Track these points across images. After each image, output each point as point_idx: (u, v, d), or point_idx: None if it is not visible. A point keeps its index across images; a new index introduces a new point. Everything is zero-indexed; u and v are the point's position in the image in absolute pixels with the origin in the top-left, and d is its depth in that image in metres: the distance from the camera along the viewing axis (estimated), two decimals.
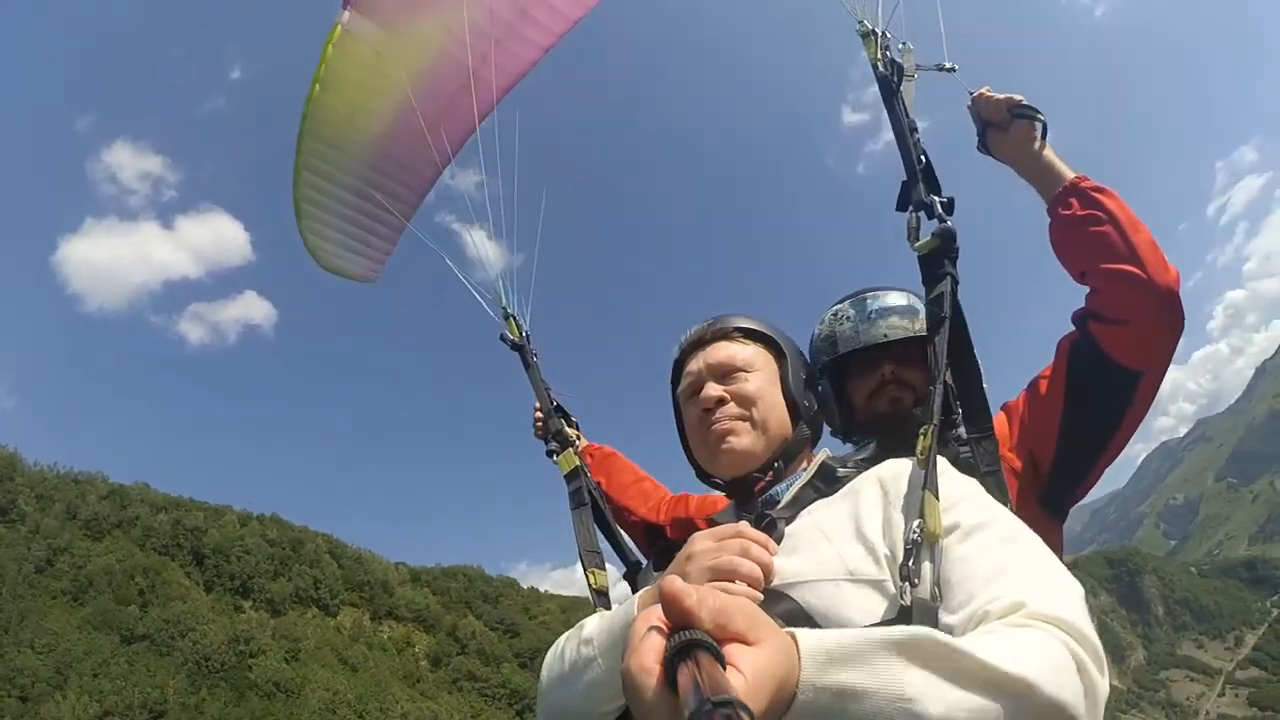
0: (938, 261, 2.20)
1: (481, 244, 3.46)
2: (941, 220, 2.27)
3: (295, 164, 3.81)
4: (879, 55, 2.62)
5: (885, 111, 2.55)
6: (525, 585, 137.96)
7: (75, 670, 70.43)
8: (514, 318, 3.32)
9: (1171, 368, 2.52)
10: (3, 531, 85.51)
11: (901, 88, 2.58)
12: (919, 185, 2.35)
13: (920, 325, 2.58)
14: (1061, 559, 2.20)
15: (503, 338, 3.30)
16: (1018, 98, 2.48)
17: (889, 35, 2.67)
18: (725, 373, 1.98)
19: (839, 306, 2.76)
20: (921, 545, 1.46)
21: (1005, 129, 2.53)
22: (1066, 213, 2.35)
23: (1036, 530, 2.11)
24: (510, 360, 3.29)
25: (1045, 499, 2.44)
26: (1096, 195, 2.32)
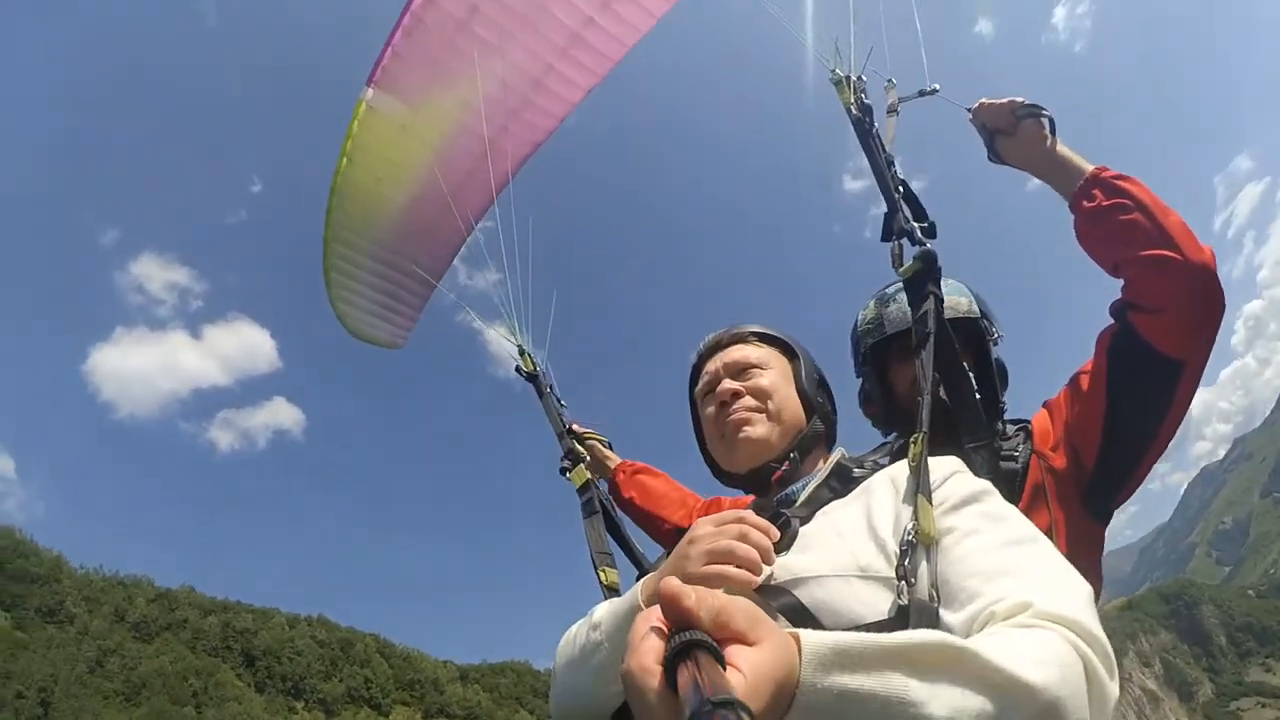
0: (921, 283, 2.26)
1: (493, 286, 3.56)
2: (922, 245, 2.32)
3: (324, 235, 3.95)
4: (852, 100, 2.66)
5: (863, 152, 2.60)
6: None
7: None
8: (528, 353, 3.47)
9: (1200, 388, 2.51)
10: (53, 632, 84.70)
11: (876, 128, 2.63)
12: (899, 214, 2.39)
13: (970, 306, 2.66)
14: (1100, 574, 2.41)
15: (518, 369, 3.45)
16: (1019, 99, 2.47)
17: (863, 80, 2.71)
18: (740, 370, 2.04)
19: (884, 291, 2.77)
20: (916, 546, 1.45)
21: (1012, 133, 2.50)
22: (1091, 205, 2.31)
23: (1078, 533, 2.22)
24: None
25: (1088, 499, 2.37)
26: (1120, 183, 2.27)
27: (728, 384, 2.00)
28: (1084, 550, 2.21)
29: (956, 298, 2.65)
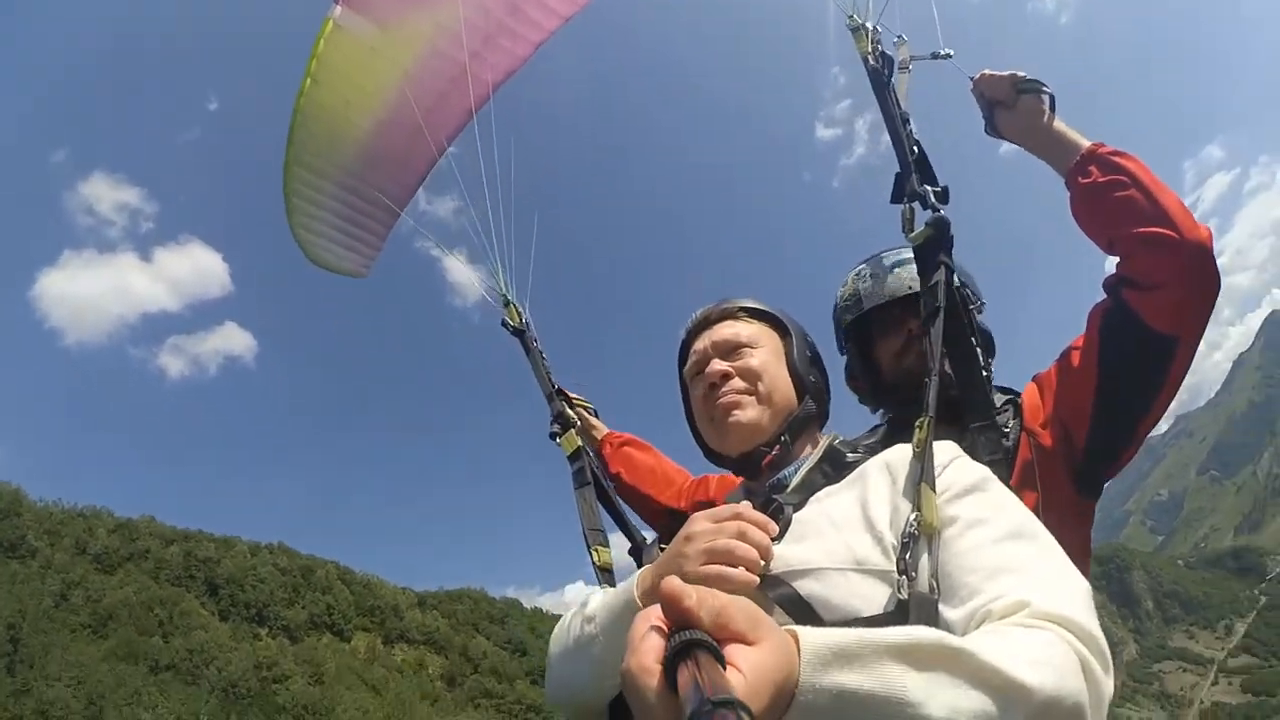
0: (932, 251, 2.22)
1: (476, 230, 3.38)
2: (935, 210, 2.28)
3: (285, 159, 3.79)
4: (870, 49, 2.61)
5: (878, 105, 2.56)
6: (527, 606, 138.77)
7: (109, 701, 70.27)
8: (513, 304, 3.33)
9: None
10: (16, 567, 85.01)
11: (894, 81, 2.58)
12: (912, 176, 2.36)
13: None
14: (1089, 549, 2.37)
15: (503, 324, 3.31)
16: (1021, 73, 2.45)
17: (880, 29, 2.66)
18: (730, 349, 1.98)
19: (860, 266, 2.72)
20: (918, 538, 1.45)
21: (1012, 107, 2.48)
22: (1086, 181, 2.28)
23: (1069, 512, 2.19)
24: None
25: (1079, 477, 2.35)
26: (1117, 159, 2.25)
27: (716, 365, 1.94)
28: (1072, 527, 2.18)
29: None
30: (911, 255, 2.44)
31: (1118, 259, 2.25)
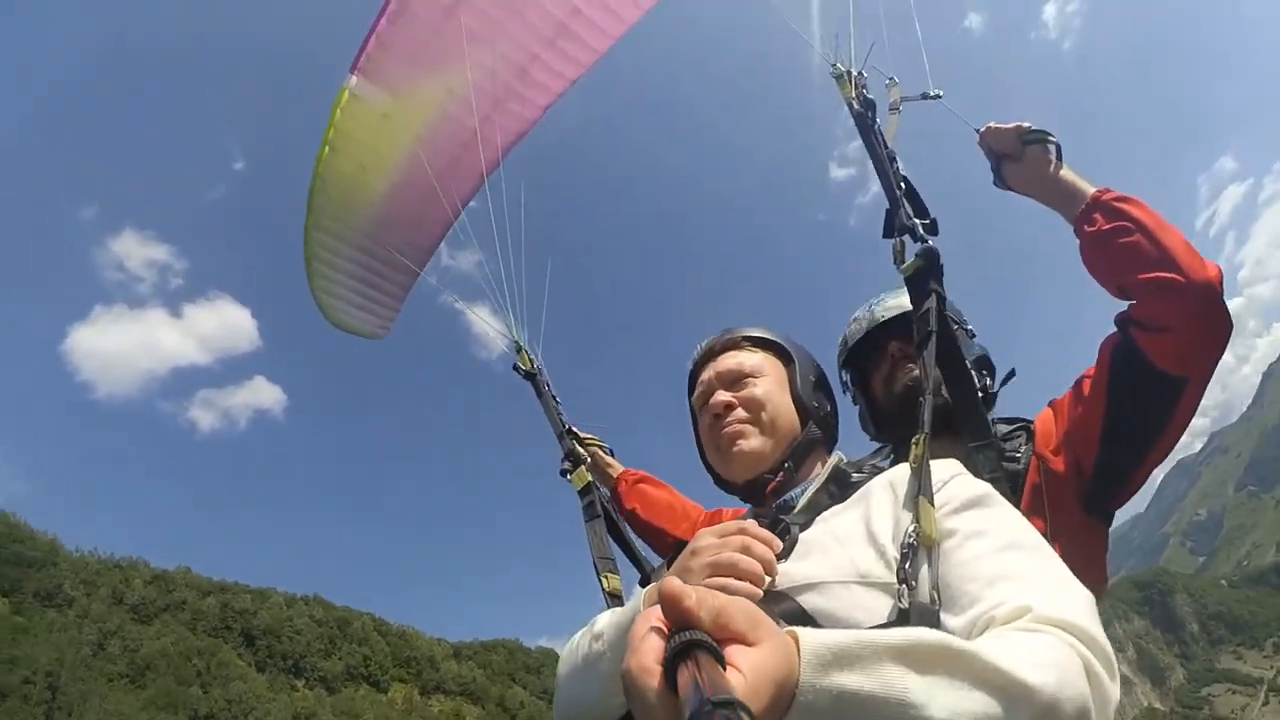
0: (923, 280, 2.26)
1: (489, 280, 3.46)
2: (924, 242, 2.33)
3: (306, 224, 3.88)
4: (853, 95, 2.67)
5: (865, 148, 2.61)
6: None
7: None
8: (525, 349, 3.40)
9: None
10: (54, 616, 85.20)
11: (876, 123, 2.63)
12: (901, 211, 2.41)
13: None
14: (1105, 570, 2.41)
15: (515, 368, 3.39)
16: (1025, 124, 2.46)
17: (864, 75, 2.72)
18: (734, 380, 2.01)
19: (854, 316, 2.83)
20: (918, 549, 1.46)
21: (1019, 159, 2.48)
22: (1092, 229, 2.28)
23: (1079, 535, 2.21)
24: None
25: (1089, 503, 2.36)
26: (1120, 205, 2.25)
27: (720, 396, 1.98)
28: (1085, 551, 2.20)
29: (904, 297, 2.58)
30: (893, 293, 2.66)
31: (1128, 302, 2.26)
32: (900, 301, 2.62)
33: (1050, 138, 2.41)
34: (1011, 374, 2.72)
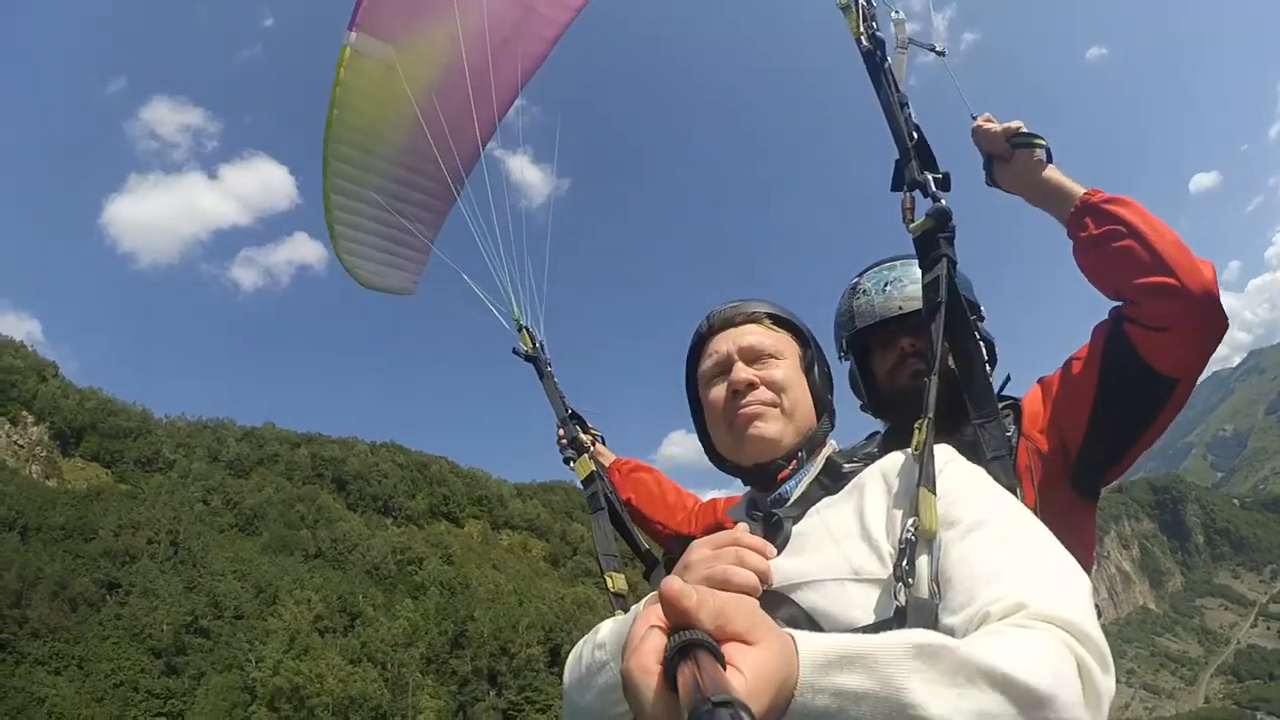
0: (933, 242, 2.10)
1: (492, 256, 3.39)
2: (936, 199, 2.15)
3: (324, 188, 3.84)
4: (860, 29, 2.43)
5: (873, 89, 2.39)
6: None
7: (278, 588, 78.78)
8: (526, 329, 3.35)
9: (1228, 295, 2.47)
10: (160, 479, 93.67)
11: (889, 62, 2.41)
12: (912, 163, 2.22)
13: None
14: (1094, 545, 2.46)
15: (515, 350, 3.34)
16: (1015, 125, 2.37)
17: (872, 6, 2.48)
18: (755, 357, 1.87)
19: (858, 280, 2.68)
20: (917, 543, 1.43)
21: (1009, 160, 2.38)
22: (1084, 234, 2.22)
23: (1068, 513, 2.24)
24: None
25: (1075, 481, 2.35)
26: (1110, 208, 2.17)
27: (743, 371, 1.83)
28: (1073, 529, 2.12)
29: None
30: (911, 276, 2.49)
31: (1124, 302, 2.21)
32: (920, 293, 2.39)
33: (1038, 141, 2.32)
34: (1008, 380, 2.65)
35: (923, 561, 1.42)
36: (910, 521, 1.46)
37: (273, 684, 67.42)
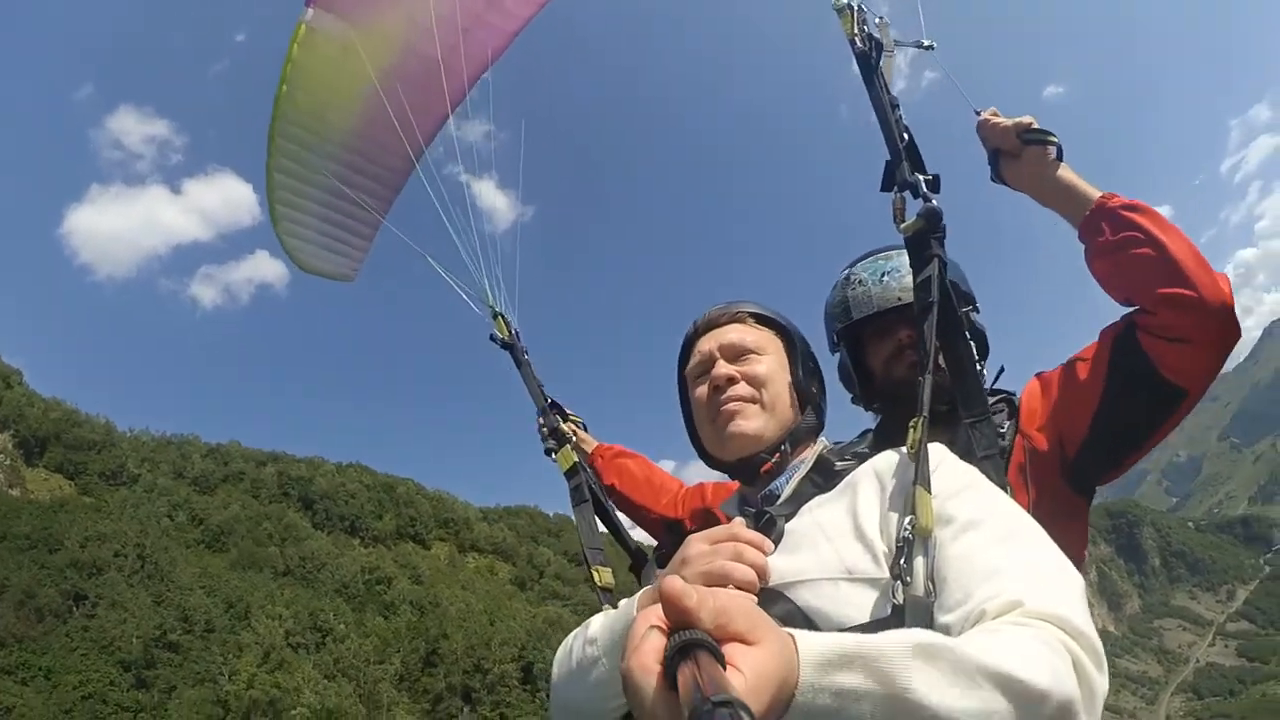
0: (924, 243, 2.13)
1: (465, 240, 3.27)
2: (926, 200, 2.18)
3: (267, 165, 3.73)
4: (855, 31, 2.43)
5: (866, 90, 2.40)
6: None
7: (246, 604, 78.21)
8: (502, 315, 3.26)
9: None
10: (125, 493, 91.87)
11: (881, 64, 2.42)
12: (903, 164, 2.25)
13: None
14: (1085, 543, 2.45)
15: (492, 337, 3.26)
16: (1027, 120, 2.30)
17: (865, 9, 2.47)
18: (737, 354, 1.92)
19: (851, 270, 2.64)
20: (914, 542, 1.43)
21: (1018, 155, 2.33)
22: (1100, 239, 2.17)
23: (1059, 513, 2.13)
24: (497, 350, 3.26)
25: (1071, 480, 2.33)
26: (1127, 214, 2.12)
27: (723, 368, 1.88)
28: (1065, 524, 2.06)
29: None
30: (902, 262, 2.47)
31: (1138, 309, 2.18)
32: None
33: (1051, 138, 2.27)
34: (1001, 371, 2.65)
35: (919, 560, 1.44)
36: (907, 520, 1.47)
37: (248, 697, 66.73)
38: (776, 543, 1.61)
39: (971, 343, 2.19)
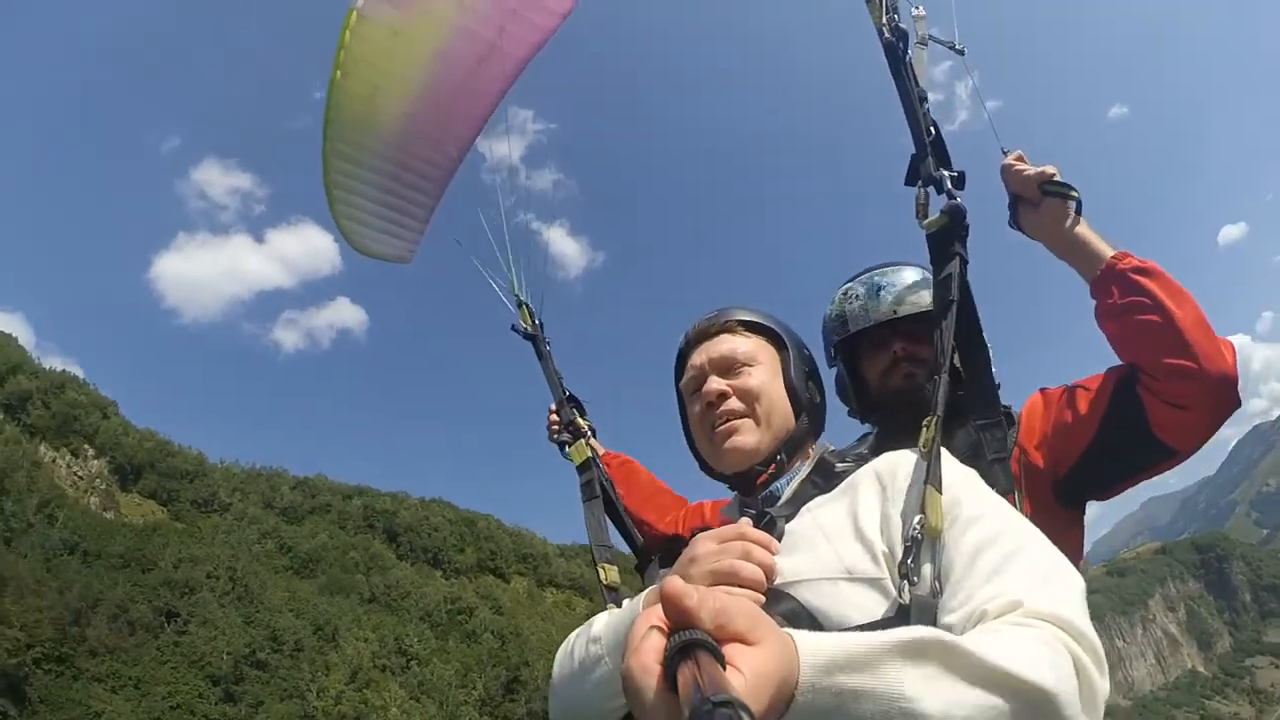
0: (946, 240, 2.12)
1: (495, 230, 3.35)
2: (951, 196, 2.17)
3: (323, 150, 3.82)
4: (883, 20, 2.39)
5: (893, 81, 2.39)
6: None
7: (334, 627, 78.25)
8: (526, 305, 3.31)
9: (1263, 345, 5.87)
10: (217, 520, 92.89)
11: (910, 55, 2.39)
12: (928, 159, 2.24)
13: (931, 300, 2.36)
14: (1082, 551, 2.49)
15: (514, 327, 3.29)
16: (1050, 171, 2.31)
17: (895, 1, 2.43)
18: (728, 367, 1.91)
19: (849, 285, 2.66)
20: (922, 542, 1.43)
21: (1037, 205, 2.33)
22: (1109, 301, 2.21)
23: (1054, 524, 2.09)
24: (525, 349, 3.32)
25: (1060, 498, 2.38)
26: (1137, 278, 2.15)
27: (714, 384, 1.88)
28: (1058, 535, 1.91)
29: (922, 292, 2.49)
30: (903, 280, 2.53)
31: (1142, 368, 2.21)
32: (918, 299, 2.50)
33: (1073, 193, 2.27)
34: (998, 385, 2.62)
35: (927, 560, 1.43)
36: (916, 519, 1.46)
37: (336, 712, 66.80)
38: (779, 544, 1.62)
39: (989, 346, 2.21)
